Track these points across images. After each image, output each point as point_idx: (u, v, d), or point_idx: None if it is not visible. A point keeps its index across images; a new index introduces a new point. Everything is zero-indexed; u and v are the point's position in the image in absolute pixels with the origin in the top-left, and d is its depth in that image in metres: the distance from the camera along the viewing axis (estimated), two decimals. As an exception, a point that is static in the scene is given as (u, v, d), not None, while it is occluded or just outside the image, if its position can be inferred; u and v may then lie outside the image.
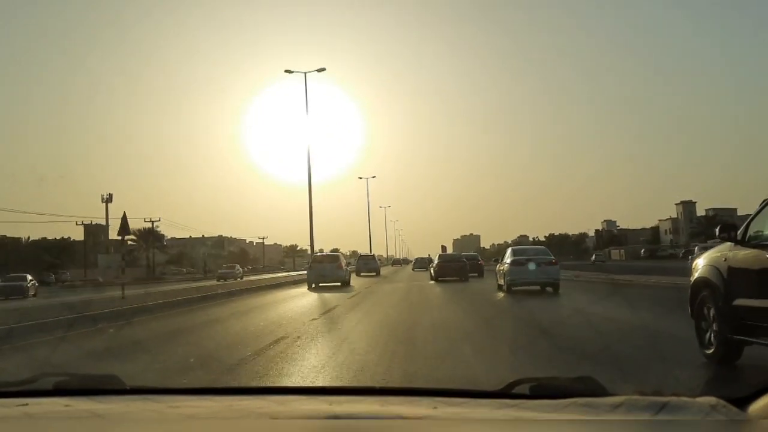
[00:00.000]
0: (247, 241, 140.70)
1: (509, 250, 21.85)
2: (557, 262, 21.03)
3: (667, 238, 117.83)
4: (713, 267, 6.86)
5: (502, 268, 21.38)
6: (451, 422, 1.67)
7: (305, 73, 42.47)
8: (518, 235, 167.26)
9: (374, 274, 46.77)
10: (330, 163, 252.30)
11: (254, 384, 6.17)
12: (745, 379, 6.17)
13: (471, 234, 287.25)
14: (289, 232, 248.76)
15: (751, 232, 6.51)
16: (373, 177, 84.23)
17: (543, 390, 1.80)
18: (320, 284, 29.20)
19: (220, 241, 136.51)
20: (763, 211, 6.50)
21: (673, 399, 1.60)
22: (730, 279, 6.53)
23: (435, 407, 1.74)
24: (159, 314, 16.44)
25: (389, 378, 6.25)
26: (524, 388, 1.82)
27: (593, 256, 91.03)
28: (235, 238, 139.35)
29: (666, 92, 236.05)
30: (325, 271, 30.49)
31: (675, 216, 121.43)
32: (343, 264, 32.37)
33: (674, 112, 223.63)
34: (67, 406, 1.80)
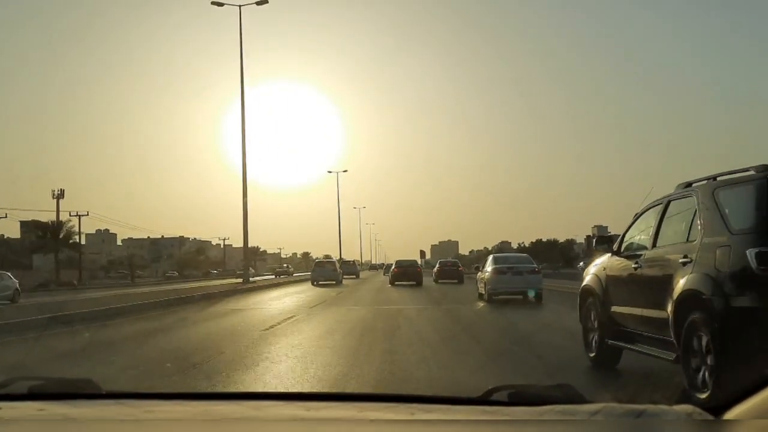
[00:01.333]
0: (214, 243, 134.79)
1: (490, 258, 21.40)
2: (539, 270, 20.68)
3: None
4: (595, 276, 7.40)
5: (483, 276, 20.80)
6: (429, 429, 1.67)
7: (240, 6, 36.30)
8: (499, 241, 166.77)
9: (334, 282, 37.95)
10: (306, 166, 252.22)
11: (231, 390, 6.13)
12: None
13: (449, 240, 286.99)
14: (255, 234, 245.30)
15: (624, 243, 6.99)
16: (345, 171, 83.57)
17: (521, 397, 1.80)
18: (320, 282, 37.23)
19: (181, 243, 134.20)
20: (635, 223, 6.92)
21: (650, 407, 1.62)
22: (607, 287, 7.05)
23: (413, 414, 1.73)
24: None
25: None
26: (502, 395, 1.82)
27: (580, 263, 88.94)
28: (201, 240, 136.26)
29: (652, 94, 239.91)
30: (325, 272, 39.16)
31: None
32: (338, 267, 42.05)
33: (660, 116, 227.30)
34: (40, 410, 1.77)
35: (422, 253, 67.07)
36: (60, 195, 63.60)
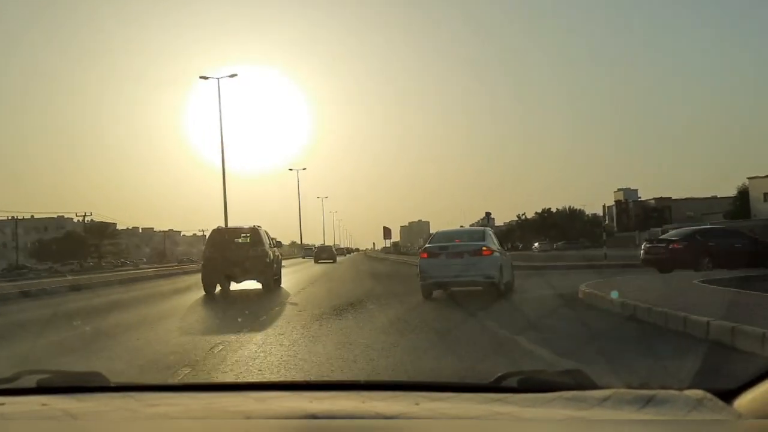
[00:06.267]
0: (190, 235, 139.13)
1: (432, 235, 16.88)
2: (493, 251, 14.21)
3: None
4: None
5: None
6: (437, 417, 1.65)
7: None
8: (479, 219, 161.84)
9: (331, 261, 54.71)
10: (275, 154, 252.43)
11: (235, 380, 6.07)
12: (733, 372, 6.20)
13: (420, 220, 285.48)
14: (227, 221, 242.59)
15: None
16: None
17: (530, 383, 1.80)
18: (320, 261, 53.02)
19: (149, 235, 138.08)
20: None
21: (661, 392, 1.61)
22: None
23: (417, 403, 1.72)
24: None
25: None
26: (512, 382, 1.82)
27: (536, 244, 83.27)
28: (175, 231, 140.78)
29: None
30: (324, 254, 56.84)
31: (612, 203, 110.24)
32: (334, 250, 62.03)
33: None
34: (47, 404, 1.77)
35: (387, 231, 61.17)
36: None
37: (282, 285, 20.41)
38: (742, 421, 1.45)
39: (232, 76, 44.87)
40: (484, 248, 14.03)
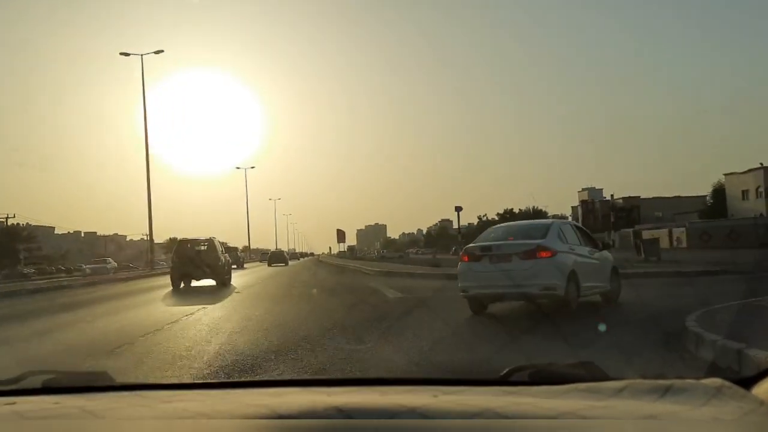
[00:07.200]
0: (138, 239, 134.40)
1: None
2: (557, 251, 10.49)
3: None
4: None
5: None
6: (452, 410, 1.65)
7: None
8: (439, 220, 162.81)
9: (283, 264, 60.47)
10: (224, 157, 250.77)
11: (248, 378, 5.97)
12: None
13: (376, 224, 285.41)
14: (177, 225, 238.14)
15: None
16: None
17: (543, 376, 1.78)
18: (273, 265, 56.53)
19: (92, 239, 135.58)
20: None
21: (677, 381, 1.59)
22: None
23: (435, 396, 1.71)
24: None
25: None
26: (524, 375, 1.80)
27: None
28: (120, 235, 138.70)
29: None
30: (277, 258, 61.24)
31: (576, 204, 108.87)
32: (286, 255, 67.91)
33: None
34: (56, 404, 1.73)
35: (341, 234, 57.05)
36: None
37: (233, 283, 25.51)
38: (765, 408, 1.43)
39: (157, 52, 44.76)
40: (540, 248, 10.40)
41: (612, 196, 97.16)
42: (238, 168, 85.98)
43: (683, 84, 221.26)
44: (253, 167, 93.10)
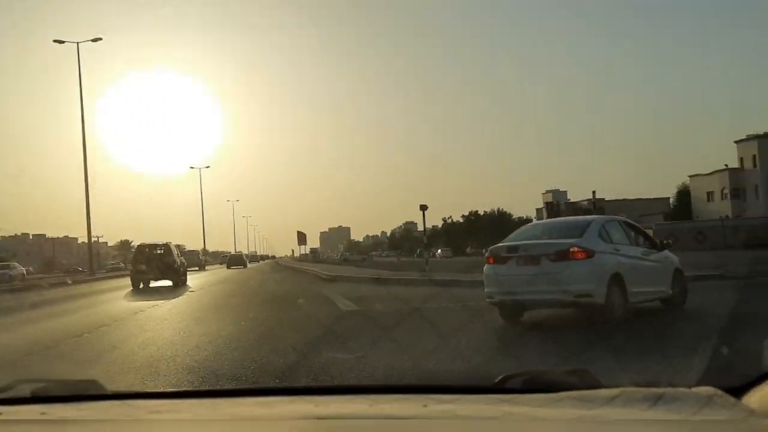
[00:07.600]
0: (81, 241, 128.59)
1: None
2: (594, 252, 9.06)
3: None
4: None
5: None
6: (443, 419, 1.64)
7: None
8: (403, 222, 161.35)
9: (241, 267, 58.54)
10: (181, 157, 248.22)
11: (235, 386, 5.80)
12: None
13: (340, 226, 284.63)
14: (128, 227, 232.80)
15: None
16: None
17: (536, 384, 1.79)
18: (232, 267, 56.85)
19: (41, 241, 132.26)
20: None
21: (670, 390, 1.61)
22: None
23: (425, 405, 1.70)
24: None
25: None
26: (517, 383, 1.81)
27: (438, 251, 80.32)
28: (71, 237, 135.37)
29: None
30: (236, 261, 62.53)
31: (542, 205, 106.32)
32: (244, 257, 67.17)
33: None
34: (43, 413, 1.70)
35: (301, 237, 53.96)
36: None
37: (188, 283, 27.62)
38: (756, 418, 1.45)
39: (95, 40, 42.53)
40: (573, 249, 9.04)
41: (568, 199, 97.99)
42: (192, 168, 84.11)
43: (647, 86, 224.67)
44: (208, 167, 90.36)
